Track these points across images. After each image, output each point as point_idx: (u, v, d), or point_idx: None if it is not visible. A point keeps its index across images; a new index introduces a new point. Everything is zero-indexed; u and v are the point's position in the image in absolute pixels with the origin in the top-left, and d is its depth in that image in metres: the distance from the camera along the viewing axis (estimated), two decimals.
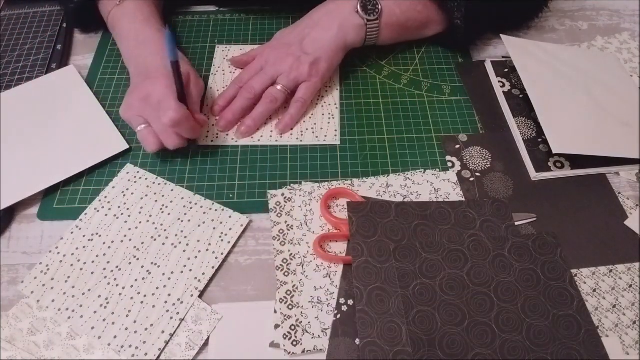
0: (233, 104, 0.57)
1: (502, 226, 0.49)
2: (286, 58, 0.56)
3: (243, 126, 0.56)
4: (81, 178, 0.54)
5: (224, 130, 0.57)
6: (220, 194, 0.53)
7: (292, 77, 0.56)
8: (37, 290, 0.46)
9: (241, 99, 0.57)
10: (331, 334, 0.43)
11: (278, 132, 0.57)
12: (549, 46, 0.63)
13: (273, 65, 0.57)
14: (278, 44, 0.59)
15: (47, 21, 0.68)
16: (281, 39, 0.60)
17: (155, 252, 0.48)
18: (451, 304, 0.44)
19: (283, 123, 0.57)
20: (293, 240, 0.49)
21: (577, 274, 0.47)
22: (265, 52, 0.59)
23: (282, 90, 0.56)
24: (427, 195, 0.52)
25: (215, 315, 0.45)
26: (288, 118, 0.57)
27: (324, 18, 0.58)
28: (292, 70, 0.56)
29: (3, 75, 0.62)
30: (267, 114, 0.57)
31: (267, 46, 0.61)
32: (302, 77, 0.56)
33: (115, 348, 0.43)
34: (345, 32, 0.58)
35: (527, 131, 0.57)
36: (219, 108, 0.58)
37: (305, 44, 0.57)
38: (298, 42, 0.57)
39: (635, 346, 0.43)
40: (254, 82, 0.57)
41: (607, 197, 0.52)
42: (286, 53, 0.57)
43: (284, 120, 0.57)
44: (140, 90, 0.52)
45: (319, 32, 0.57)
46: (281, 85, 0.56)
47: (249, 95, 0.56)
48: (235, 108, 0.57)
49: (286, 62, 0.56)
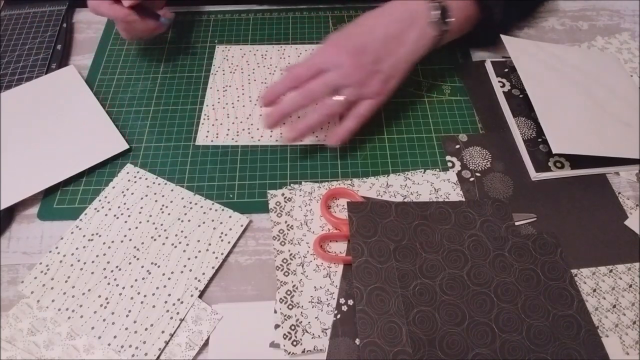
0: (286, 105, 0.51)
1: (502, 226, 0.49)
2: (358, 69, 0.50)
3: (295, 132, 0.52)
4: (81, 178, 0.54)
5: (269, 128, 0.54)
6: (220, 194, 0.53)
7: (358, 92, 0.51)
8: (37, 290, 0.46)
9: (296, 102, 0.51)
10: (331, 334, 0.43)
11: (330, 143, 0.54)
12: (549, 46, 0.63)
13: (342, 74, 0.50)
14: (351, 46, 0.51)
15: (47, 21, 0.68)
16: (353, 37, 0.52)
17: (155, 252, 0.48)
18: (451, 304, 0.44)
19: (338, 135, 0.53)
20: (293, 240, 0.49)
21: (577, 274, 0.47)
22: (334, 53, 0.52)
23: (344, 104, 0.51)
24: (427, 195, 0.52)
25: (215, 315, 0.45)
26: (345, 131, 0.53)
27: (402, 28, 0.52)
28: (361, 86, 0.51)
29: (3, 75, 0.62)
30: (322, 123, 0.53)
31: (335, 42, 0.53)
32: (369, 94, 0.52)
33: (115, 348, 0.43)
34: (418, 47, 0.53)
35: (527, 131, 0.57)
36: (266, 104, 0.53)
37: (380, 57, 0.51)
38: (373, 53, 0.51)
39: (635, 346, 0.43)
40: (316, 89, 0.51)
41: (607, 197, 0.52)
42: (359, 63, 0.51)
43: (339, 132, 0.53)
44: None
45: (397, 45, 0.52)
46: (344, 97, 0.51)
47: (306, 101, 0.51)
48: (288, 110, 0.52)
49: (357, 75, 0.51)
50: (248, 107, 0.60)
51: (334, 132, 0.53)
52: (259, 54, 0.66)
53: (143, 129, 0.58)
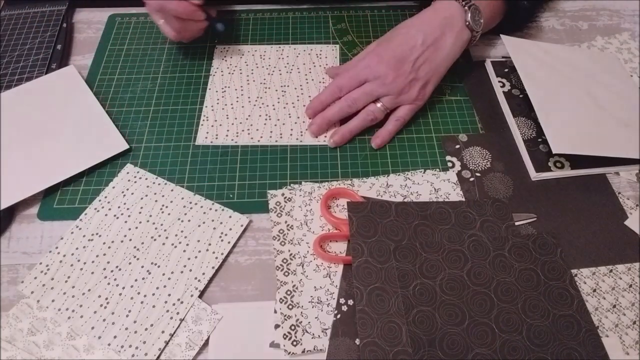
0: (330, 112, 0.56)
1: (502, 226, 0.49)
2: (397, 79, 0.54)
3: (337, 135, 0.55)
4: (81, 178, 0.54)
5: (315, 135, 0.56)
6: (220, 194, 0.53)
7: (398, 100, 0.55)
8: (37, 290, 0.46)
9: (340, 110, 0.55)
10: (331, 334, 0.43)
11: (375, 146, 0.56)
12: (549, 46, 0.63)
13: (383, 84, 0.54)
14: (390, 57, 0.54)
15: (47, 21, 0.68)
16: (392, 49, 0.55)
17: (155, 252, 0.48)
18: (451, 304, 0.44)
19: (380, 138, 0.55)
20: (293, 240, 0.49)
21: (577, 274, 0.47)
22: (374, 60, 0.55)
23: (384, 110, 0.55)
24: (427, 195, 0.52)
25: (215, 315, 0.45)
26: (386, 134, 0.56)
27: (439, 34, 0.55)
28: (399, 94, 0.54)
29: (3, 75, 0.62)
30: (363, 128, 0.56)
31: (376, 54, 0.55)
32: (408, 100, 0.55)
33: (115, 348, 0.43)
34: (455, 50, 0.56)
35: (527, 131, 0.57)
36: (312, 112, 0.57)
37: (417, 64, 0.54)
38: (412, 61, 0.54)
39: (635, 346, 0.43)
40: (359, 97, 0.55)
41: (607, 197, 0.52)
42: (398, 73, 0.54)
43: (382, 135, 0.56)
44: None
45: (434, 52, 0.55)
46: (383, 104, 0.55)
47: (350, 110, 0.55)
48: (332, 118, 0.56)
49: (396, 84, 0.54)
50: (247, 108, 0.60)
51: (377, 135, 0.56)
52: (257, 54, 0.66)
53: (143, 129, 0.58)
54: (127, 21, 0.70)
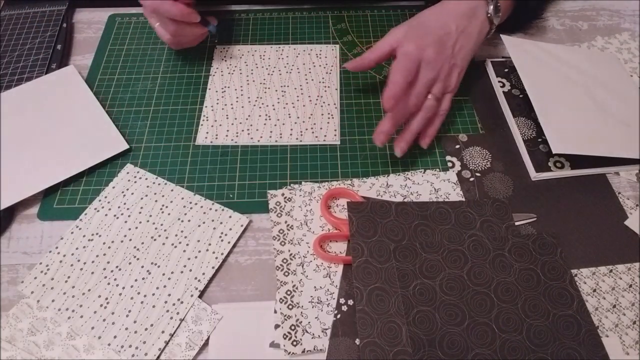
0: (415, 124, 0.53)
1: (502, 226, 0.49)
2: (444, 63, 0.53)
3: (404, 142, 0.53)
4: (81, 178, 0.54)
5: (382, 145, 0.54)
6: (220, 194, 0.53)
7: (443, 85, 0.54)
8: (37, 290, 0.46)
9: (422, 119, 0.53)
10: (331, 334, 0.43)
11: (425, 145, 0.55)
12: (549, 46, 0.63)
13: (434, 69, 0.52)
14: (431, 38, 0.53)
15: (47, 21, 0.68)
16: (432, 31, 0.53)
17: (155, 252, 0.48)
18: (451, 304, 0.44)
19: (430, 136, 0.55)
20: (293, 240, 0.49)
21: (577, 274, 0.47)
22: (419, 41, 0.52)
23: (437, 102, 0.54)
24: (427, 195, 0.52)
25: (215, 315, 0.45)
26: (434, 130, 0.55)
27: (467, 22, 0.55)
28: (445, 79, 0.54)
29: (3, 75, 0.62)
30: (423, 127, 0.54)
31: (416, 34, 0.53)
32: (450, 88, 0.55)
33: (115, 348, 0.43)
34: (479, 40, 0.57)
35: (527, 131, 0.57)
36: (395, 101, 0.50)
37: (455, 49, 0.54)
38: (451, 46, 0.54)
39: (635, 346, 0.43)
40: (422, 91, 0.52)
41: (607, 197, 0.52)
42: (443, 57, 0.53)
43: (430, 132, 0.55)
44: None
45: (465, 39, 0.55)
46: (434, 95, 0.53)
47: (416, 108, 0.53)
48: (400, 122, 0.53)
49: (443, 68, 0.53)
50: (247, 108, 0.60)
51: (425, 134, 0.55)
52: (257, 54, 0.66)
53: (143, 129, 0.58)
54: (127, 21, 0.70)
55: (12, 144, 0.55)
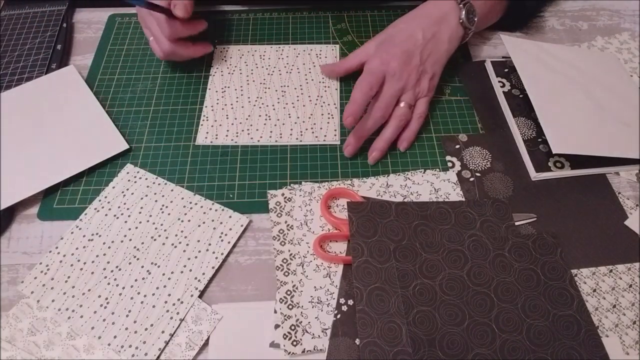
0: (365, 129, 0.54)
1: (502, 226, 0.49)
2: (411, 73, 0.55)
3: (377, 151, 0.55)
4: (81, 178, 0.54)
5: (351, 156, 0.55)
6: (220, 194, 0.53)
7: (415, 92, 0.56)
8: (37, 290, 0.46)
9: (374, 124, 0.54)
10: (331, 334, 0.43)
11: (403, 149, 0.56)
12: (549, 46, 0.63)
13: (400, 79, 0.54)
14: (397, 51, 0.55)
15: (47, 21, 0.68)
16: (398, 45, 0.56)
17: (155, 252, 0.48)
18: (451, 304, 0.44)
19: (407, 140, 0.56)
20: (293, 240, 0.49)
21: (577, 274, 0.47)
22: (384, 56, 0.55)
23: (409, 108, 0.56)
24: (427, 195, 0.52)
25: (215, 315, 0.45)
26: (411, 134, 0.56)
27: (437, 29, 0.57)
28: (415, 86, 0.56)
29: (3, 75, 0.62)
30: (397, 134, 0.56)
31: (383, 50, 0.56)
32: (422, 93, 0.57)
33: (115, 348, 0.43)
34: (452, 45, 0.58)
35: (527, 131, 0.57)
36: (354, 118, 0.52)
37: (423, 57, 0.56)
38: (418, 56, 0.56)
39: (635, 346, 0.43)
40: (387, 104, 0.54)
41: (607, 197, 0.52)
42: (410, 67, 0.55)
43: (407, 137, 0.56)
44: None
45: (435, 45, 0.57)
46: (406, 102, 0.55)
47: (383, 120, 0.55)
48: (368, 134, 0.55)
49: (411, 78, 0.55)
50: (247, 108, 0.60)
51: (403, 138, 0.56)
52: (257, 54, 0.66)
53: (143, 129, 0.58)
54: (127, 21, 0.70)
55: (12, 144, 0.55)
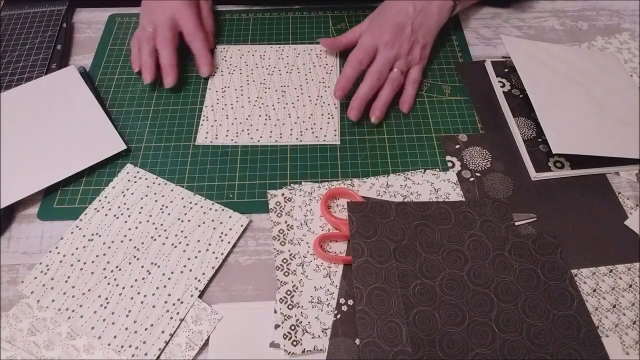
0: (362, 91, 0.58)
1: (502, 226, 0.49)
2: (403, 42, 0.60)
3: (378, 111, 0.58)
4: (81, 178, 0.54)
5: (356, 119, 0.58)
6: (220, 194, 0.53)
7: (407, 60, 0.60)
8: (37, 290, 0.46)
9: (371, 87, 0.58)
10: (331, 334, 0.43)
11: (405, 111, 0.60)
12: (549, 46, 0.63)
13: (392, 48, 0.59)
14: (389, 25, 0.60)
15: (47, 21, 0.68)
16: (390, 18, 0.61)
17: (155, 252, 0.48)
18: (451, 304, 0.44)
19: (407, 103, 0.60)
20: (293, 240, 0.49)
21: (577, 274, 0.47)
22: (377, 31, 0.60)
23: (401, 74, 0.60)
24: (427, 195, 0.52)
25: (215, 315, 0.45)
26: (409, 97, 0.60)
27: (426, 2, 0.62)
28: (408, 54, 0.60)
29: (3, 75, 0.62)
30: (392, 96, 0.59)
31: (376, 25, 0.61)
32: (415, 61, 0.61)
33: (115, 348, 0.43)
34: (442, 17, 0.63)
35: (527, 131, 0.57)
36: (343, 92, 0.58)
37: (415, 28, 0.60)
38: (409, 26, 0.60)
39: (635, 346, 0.43)
40: (382, 69, 0.58)
41: (607, 197, 0.52)
42: (402, 38, 0.60)
43: (406, 100, 0.60)
44: None
45: (425, 16, 0.61)
46: (398, 69, 0.59)
47: (379, 83, 0.58)
48: (367, 96, 0.58)
49: (403, 47, 0.59)
50: (247, 108, 0.60)
51: (403, 101, 0.60)
52: (257, 54, 0.66)
53: (143, 129, 0.58)
54: (127, 21, 0.70)
55: (12, 143, 0.55)
